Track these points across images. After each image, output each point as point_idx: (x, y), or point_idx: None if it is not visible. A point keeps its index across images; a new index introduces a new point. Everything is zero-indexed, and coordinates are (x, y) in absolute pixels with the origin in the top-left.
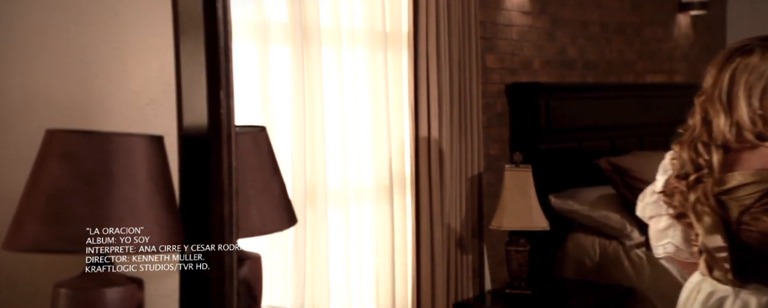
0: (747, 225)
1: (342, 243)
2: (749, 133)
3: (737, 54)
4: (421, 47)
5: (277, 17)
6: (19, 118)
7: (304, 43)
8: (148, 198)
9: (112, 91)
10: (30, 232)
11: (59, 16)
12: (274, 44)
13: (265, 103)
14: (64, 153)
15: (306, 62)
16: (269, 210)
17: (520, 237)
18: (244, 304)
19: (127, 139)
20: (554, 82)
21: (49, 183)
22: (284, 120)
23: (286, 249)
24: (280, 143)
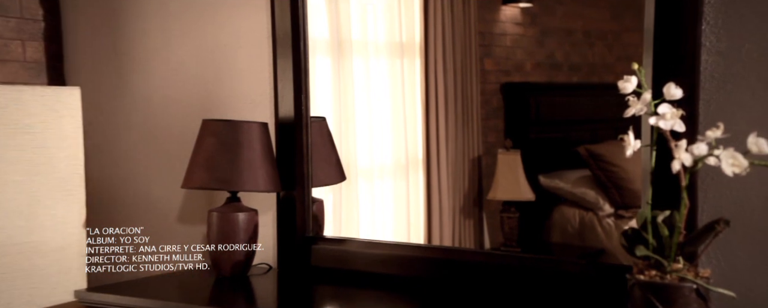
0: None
1: (368, 208)
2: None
3: None
4: (430, 55)
5: (321, 34)
6: (163, 112)
7: (340, 54)
8: (260, 160)
9: (228, 93)
10: (197, 177)
11: (189, 41)
12: (320, 56)
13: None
14: (213, 132)
15: (342, 69)
16: (328, 170)
17: (511, 206)
18: (314, 228)
19: (247, 124)
20: (543, 81)
21: (206, 150)
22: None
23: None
24: None
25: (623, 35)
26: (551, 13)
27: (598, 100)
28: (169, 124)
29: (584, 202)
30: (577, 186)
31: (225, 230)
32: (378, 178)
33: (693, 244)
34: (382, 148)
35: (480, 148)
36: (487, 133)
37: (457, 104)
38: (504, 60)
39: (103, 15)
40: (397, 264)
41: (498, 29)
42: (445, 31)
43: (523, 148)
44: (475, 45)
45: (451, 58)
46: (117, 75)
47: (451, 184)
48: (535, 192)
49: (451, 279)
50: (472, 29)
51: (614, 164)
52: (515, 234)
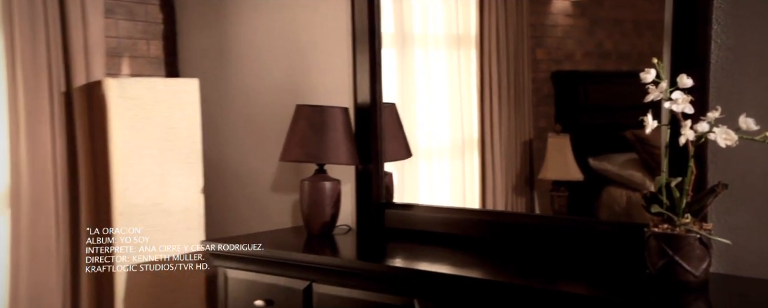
0: None
1: (427, 184)
2: None
3: None
4: (485, 46)
5: (387, 29)
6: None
7: (404, 47)
8: (343, 138)
9: (314, 83)
10: (292, 152)
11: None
12: (386, 48)
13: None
14: (305, 115)
15: (405, 60)
16: (397, 147)
17: (560, 186)
18: (386, 196)
19: (332, 108)
20: (591, 69)
21: (299, 130)
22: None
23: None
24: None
25: None
26: (600, 4)
27: (644, 86)
28: (263, 109)
29: (631, 183)
30: (624, 169)
31: (314, 196)
32: (437, 158)
33: (698, 203)
34: (441, 131)
35: (531, 132)
36: (538, 118)
37: (509, 91)
38: (555, 49)
39: (209, 18)
40: (455, 225)
41: (549, 21)
42: (499, 24)
43: (572, 132)
44: (527, 36)
45: (504, 49)
46: (221, 68)
47: (504, 165)
48: (584, 173)
49: (501, 237)
50: (525, 21)
51: (659, 147)
52: (564, 212)
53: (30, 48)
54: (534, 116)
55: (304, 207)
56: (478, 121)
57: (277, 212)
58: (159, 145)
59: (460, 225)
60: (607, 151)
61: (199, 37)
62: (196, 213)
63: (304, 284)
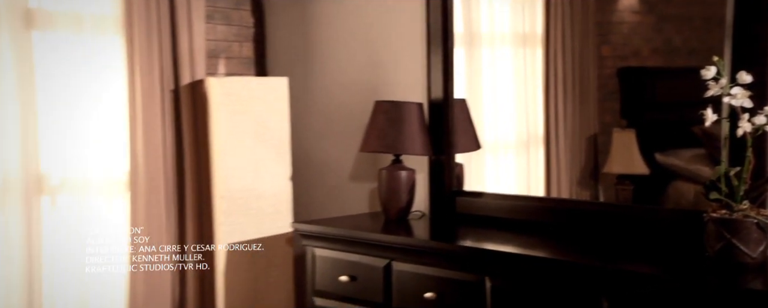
0: None
1: (493, 177)
2: None
3: None
4: (551, 44)
5: (457, 29)
6: (339, 95)
7: (471, 46)
8: (417, 131)
9: (391, 80)
10: (371, 144)
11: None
12: (455, 47)
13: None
14: (383, 110)
15: (473, 58)
16: (467, 140)
17: (625, 180)
18: (457, 184)
19: (408, 104)
20: (659, 65)
21: (378, 123)
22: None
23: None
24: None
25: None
26: (669, 1)
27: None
28: (343, 104)
29: (699, 178)
30: (692, 163)
31: (391, 184)
32: (503, 151)
33: (756, 190)
34: (507, 126)
35: (596, 127)
36: (603, 114)
37: (574, 88)
38: (621, 46)
39: (295, 22)
40: (522, 211)
41: (616, 18)
42: (565, 23)
43: (638, 127)
44: (593, 34)
45: (569, 46)
46: (305, 67)
47: (568, 159)
48: (650, 168)
49: (566, 223)
50: (591, 19)
51: None
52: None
53: (145, 52)
54: (599, 112)
55: (382, 193)
56: (543, 117)
57: (355, 199)
58: (253, 137)
59: (527, 211)
60: (674, 146)
61: (286, 39)
62: (284, 198)
63: (384, 262)
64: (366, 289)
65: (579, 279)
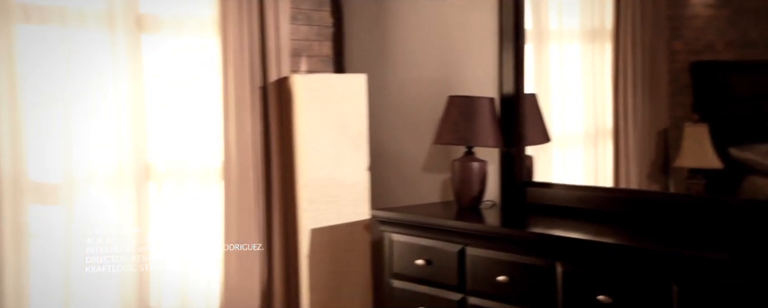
0: None
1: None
2: None
3: None
4: (620, 39)
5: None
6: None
7: (540, 41)
8: (489, 124)
9: (464, 76)
10: (445, 136)
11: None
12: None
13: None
14: (456, 104)
15: (541, 54)
16: (536, 133)
17: (697, 174)
18: (527, 175)
19: (480, 98)
20: (734, 59)
21: (451, 117)
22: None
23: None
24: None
25: None
26: None
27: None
28: (417, 99)
29: None
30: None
31: (464, 174)
32: (571, 145)
33: None
34: (575, 120)
35: (667, 121)
36: (674, 108)
37: (644, 82)
38: (693, 40)
39: (372, 21)
40: (592, 201)
41: (688, 12)
42: (636, 18)
43: (710, 121)
44: (665, 28)
45: (640, 41)
46: (381, 64)
47: (638, 152)
48: (723, 162)
49: (635, 213)
50: (661, 14)
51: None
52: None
53: (238, 52)
54: (670, 106)
55: (455, 183)
56: (612, 111)
57: (427, 188)
58: (333, 130)
59: (597, 201)
60: (749, 140)
61: (363, 37)
62: (362, 187)
63: (458, 247)
64: (441, 272)
65: (649, 266)
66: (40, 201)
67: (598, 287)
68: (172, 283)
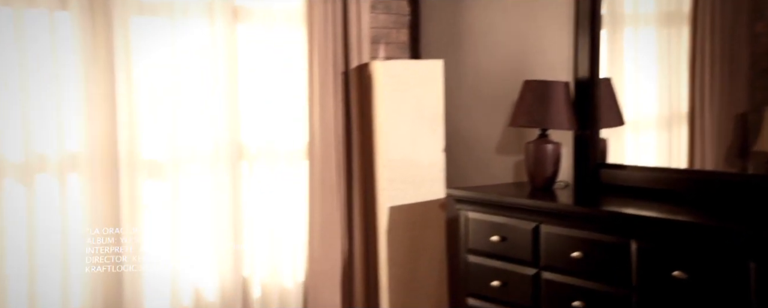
0: None
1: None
2: None
3: None
4: (699, 22)
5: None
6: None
7: (615, 26)
8: (564, 108)
9: (539, 61)
10: (520, 119)
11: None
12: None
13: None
14: (532, 88)
15: (615, 38)
16: (610, 116)
17: None
18: (601, 157)
19: (555, 82)
20: None
21: (526, 100)
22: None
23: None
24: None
25: None
26: None
27: None
28: (491, 84)
29: None
30: None
31: (538, 155)
32: (644, 128)
33: None
34: (649, 103)
35: (746, 105)
36: (754, 91)
37: (723, 66)
38: None
39: (447, 9)
40: (666, 182)
41: None
42: (715, 1)
43: None
44: (747, 10)
45: (719, 24)
46: (456, 50)
47: (714, 136)
48: None
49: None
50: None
51: None
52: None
53: (322, 40)
54: (750, 90)
55: (529, 165)
56: (688, 95)
57: (500, 170)
58: (411, 113)
59: (672, 182)
60: None
61: (438, 25)
62: (438, 168)
63: (533, 224)
64: (515, 248)
65: (726, 243)
66: (152, 177)
67: (673, 263)
68: (263, 255)
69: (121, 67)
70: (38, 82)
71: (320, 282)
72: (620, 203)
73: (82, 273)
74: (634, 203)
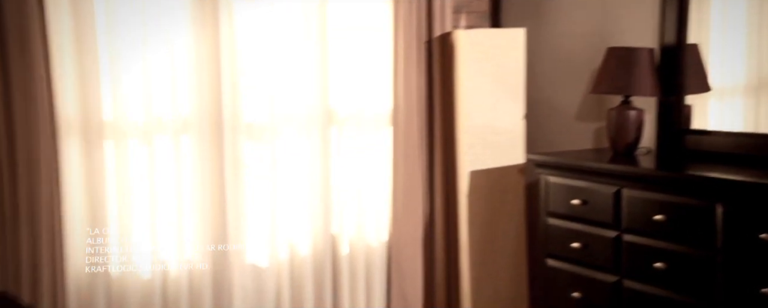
0: None
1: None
2: None
3: None
4: None
5: None
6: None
7: None
8: (648, 74)
9: (622, 28)
10: (603, 86)
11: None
12: None
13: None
14: (615, 55)
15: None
16: (696, 82)
17: None
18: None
19: (639, 49)
20: None
21: (609, 67)
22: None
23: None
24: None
25: None
26: None
27: None
28: (572, 51)
29: None
30: None
31: (620, 122)
32: (731, 95)
33: None
34: (736, 71)
35: None
36: None
37: None
38: None
39: None
40: (752, 147)
41: None
42: None
43: None
44: None
45: None
46: (537, 18)
47: None
48: None
49: None
50: None
51: None
52: None
53: (407, 10)
54: None
55: (610, 131)
56: None
57: (579, 136)
58: (492, 81)
59: (758, 148)
60: None
61: None
62: (518, 134)
63: (614, 188)
64: (596, 211)
65: None
66: (252, 140)
67: (760, 226)
68: (350, 214)
69: (226, 37)
70: (155, 51)
71: (403, 242)
72: (704, 168)
73: (195, 222)
74: (719, 168)
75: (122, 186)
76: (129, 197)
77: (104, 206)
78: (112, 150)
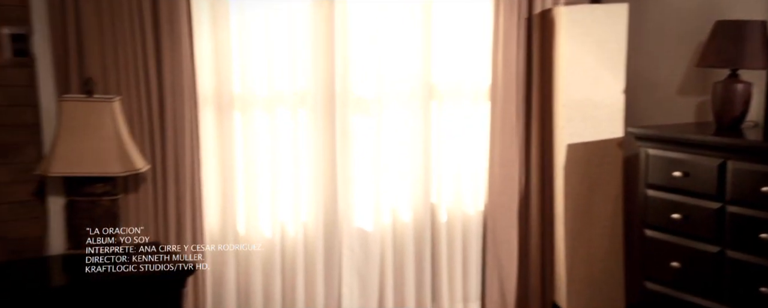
0: None
1: None
2: None
3: None
4: None
5: None
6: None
7: None
8: (759, 47)
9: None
10: (709, 59)
11: None
12: None
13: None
14: (723, 28)
15: None
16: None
17: None
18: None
19: (751, 21)
20: None
21: (717, 41)
22: None
23: None
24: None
25: None
26: None
27: None
28: (675, 26)
29: None
30: None
31: (726, 95)
32: None
33: None
34: None
35: None
36: None
37: None
38: None
39: None
40: None
41: None
42: None
43: None
44: None
45: None
46: None
47: None
48: None
49: None
50: None
51: None
52: None
53: None
54: None
55: (715, 104)
56: None
57: (681, 110)
58: (592, 56)
59: None
60: None
61: None
62: (618, 109)
63: (718, 161)
64: (699, 183)
65: None
66: (360, 112)
67: None
68: (449, 184)
69: (340, 18)
70: (278, 33)
71: (499, 212)
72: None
73: (309, 187)
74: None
75: (248, 152)
76: (253, 162)
77: (233, 169)
78: (240, 119)
